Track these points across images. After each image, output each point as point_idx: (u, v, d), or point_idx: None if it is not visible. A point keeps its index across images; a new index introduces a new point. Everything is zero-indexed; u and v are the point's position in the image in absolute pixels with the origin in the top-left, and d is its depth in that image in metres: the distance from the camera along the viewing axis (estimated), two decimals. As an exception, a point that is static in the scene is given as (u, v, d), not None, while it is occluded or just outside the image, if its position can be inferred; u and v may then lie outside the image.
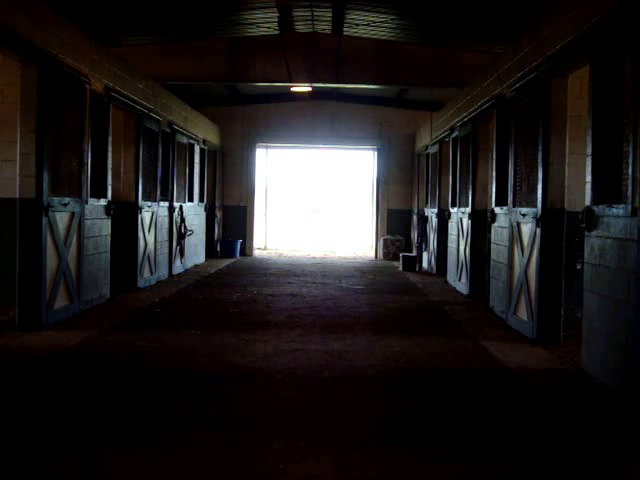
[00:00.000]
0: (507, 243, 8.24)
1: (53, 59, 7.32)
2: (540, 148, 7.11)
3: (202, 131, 15.48)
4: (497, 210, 8.90)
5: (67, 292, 7.84)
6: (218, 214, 17.73)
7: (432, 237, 14.25)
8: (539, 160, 7.14)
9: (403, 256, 15.22)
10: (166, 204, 12.15)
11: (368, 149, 18.92)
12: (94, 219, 8.64)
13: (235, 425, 4.34)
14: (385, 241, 17.83)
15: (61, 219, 7.63)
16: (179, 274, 12.93)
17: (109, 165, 9.24)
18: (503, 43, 11.04)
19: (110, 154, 9.28)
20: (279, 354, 6.32)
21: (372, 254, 18.56)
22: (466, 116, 10.75)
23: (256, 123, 18.10)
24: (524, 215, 7.59)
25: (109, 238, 9.25)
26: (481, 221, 9.92)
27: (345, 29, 12.64)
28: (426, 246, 14.93)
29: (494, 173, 9.10)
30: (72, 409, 4.61)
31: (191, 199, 14.22)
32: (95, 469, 3.61)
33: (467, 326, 8.09)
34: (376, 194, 18.56)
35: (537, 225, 7.14)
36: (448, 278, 12.22)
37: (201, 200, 15.51)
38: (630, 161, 4.95)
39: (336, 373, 5.72)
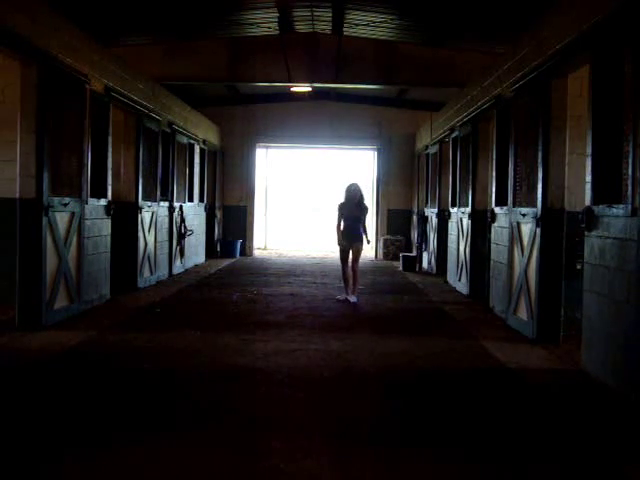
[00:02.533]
0: (507, 243, 8.24)
1: (53, 59, 7.32)
2: (540, 148, 7.11)
3: (202, 131, 15.48)
4: (497, 210, 8.90)
5: (67, 292, 7.84)
6: (218, 214, 17.73)
7: (432, 237, 14.25)
8: (539, 160, 7.14)
9: (403, 256, 15.22)
10: (166, 204, 12.15)
11: (368, 149, 18.92)
12: (94, 219, 8.64)
13: (235, 425, 4.34)
14: (385, 241, 17.84)
15: (61, 219, 7.63)
16: (179, 274, 12.93)
17: (109, 165, 9.24)
18: (503, 43, 11.03)
19: (110, 154, 9.28)
20: (279, 354, 6.32)
21: (372, 254, 18.54)
22: (466, 116, 10.75)
23: (256, 123, 18.10)
24: (524, 215, 7.59)
25: (109, 238, 9.25)
26: (481, 221, 9.92)
27: (345, 29, 12.64)
28: (426, 246, 14.93)
29: (494, 173, 9.10)
30: (72, 409, 4.61)
31: (191, 199, 14.22)
32: (95, 469, 3.61)
33: (467, 326, 8.09)
34: (376, 194, 18.56)
35: (537, 225, 7.13)
36: (448, 278, 12.22)
37: (201, 200, 15.50)
38: (630, 161, 4.95)
39: (336, 373, 5.72)
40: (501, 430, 4.37)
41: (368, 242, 10.43)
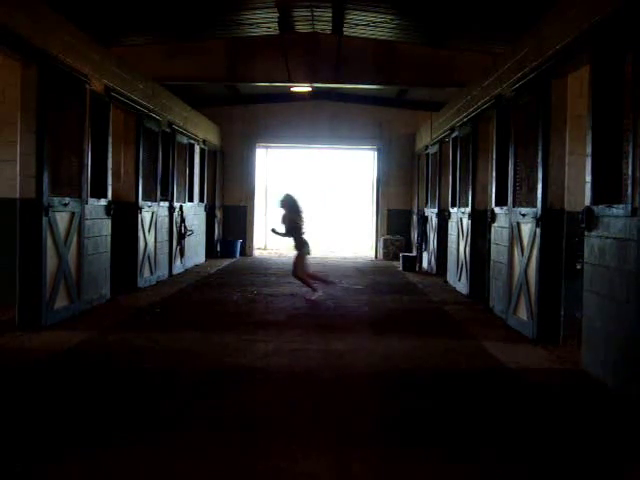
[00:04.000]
0: (507, 243, 8.24)
1: (53, 59, 7.32)
2: (540, 148, 7.11)
3: (202, 131, 15.48)
4: (497, 210, 8.90)
5: (67, 292, 7.84)
6: (218, 214, 17.73)
7: (432, 237, 14.25)
8: (539, 160, 7.14)
9: (403, 256, 15.22)
10: (166, 204, 12.15)
11: (368, 149, 18.92)
12: (94, 219, 8.64)
13: (236, 425, 4.34)
14: (385, 241, 17.84)
15: (61, 219, 7.63)
16: (179, 274, 12.93)
17: (109, 165, 9.24)
18: (503, 43, 11.04)
19: (110, 154, 9.28)
20: (279, 354, 6.32)
21: (372, 254, 18.56)
22: (466, 116, 10.75)
23: (256, 123, 18.10)
24: (524, 215, 7.59)
25: (109, 238, 9.25)
26: (481, 221, 9.92)
27: (345, 29, 12.64)
28: (426, 246, 14.93)
29: (494, 173, 9.10)
30: (72, 409, 4.61)
31: (191, 199, 14.23)
32: (95, 469, 3.61)
33: (467, 326, 8.09)
34: (376, 194, 18.57)
35: (537, 225, 7.14)
36: (448, 278, 12.23)
37: (201, 200, 15.51)
38: (630, 161, 4.95)
39: (336, 373, 5.72)
40: (502, 430, 4.37)
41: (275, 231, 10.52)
